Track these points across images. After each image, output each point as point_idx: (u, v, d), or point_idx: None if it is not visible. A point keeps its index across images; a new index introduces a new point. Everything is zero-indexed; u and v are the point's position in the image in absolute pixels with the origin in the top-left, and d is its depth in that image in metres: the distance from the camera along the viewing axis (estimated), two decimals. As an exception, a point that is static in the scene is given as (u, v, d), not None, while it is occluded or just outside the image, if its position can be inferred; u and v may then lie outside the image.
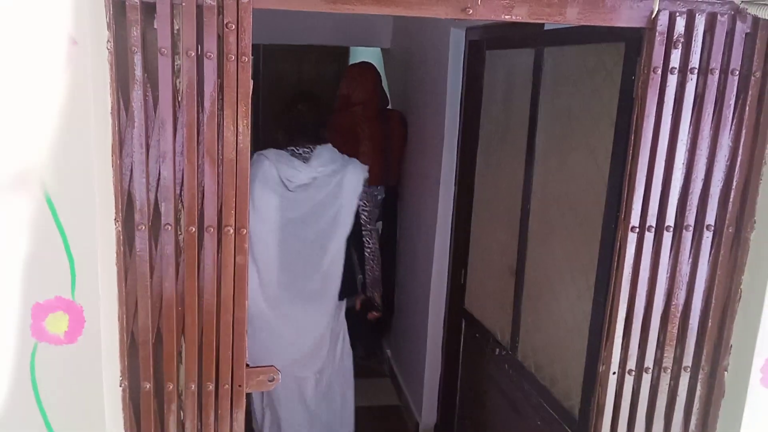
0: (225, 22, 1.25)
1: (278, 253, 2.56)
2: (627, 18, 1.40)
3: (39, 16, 1.09)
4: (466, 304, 2.80)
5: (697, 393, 1.57)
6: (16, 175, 1.13)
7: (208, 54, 1.26)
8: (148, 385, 1.37)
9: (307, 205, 2.58)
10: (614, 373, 1.55)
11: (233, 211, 1.33)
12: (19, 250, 1.18)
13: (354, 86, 3.65)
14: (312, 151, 2.58)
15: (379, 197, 3.77)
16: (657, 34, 1.39)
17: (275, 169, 2.52)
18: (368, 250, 2.77)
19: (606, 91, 1.71)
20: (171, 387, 1.38)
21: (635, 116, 1.47)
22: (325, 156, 2.59)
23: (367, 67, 3.81)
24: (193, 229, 1.32)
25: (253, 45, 1.30)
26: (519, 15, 1.36)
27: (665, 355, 1.54)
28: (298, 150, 2.58)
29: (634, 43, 1.52)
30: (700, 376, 1.56)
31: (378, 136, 3.66)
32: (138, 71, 1.24)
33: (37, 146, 1.14)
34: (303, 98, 2.74)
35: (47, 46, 0.99)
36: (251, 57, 1.30)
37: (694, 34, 1.40)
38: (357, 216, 2.65)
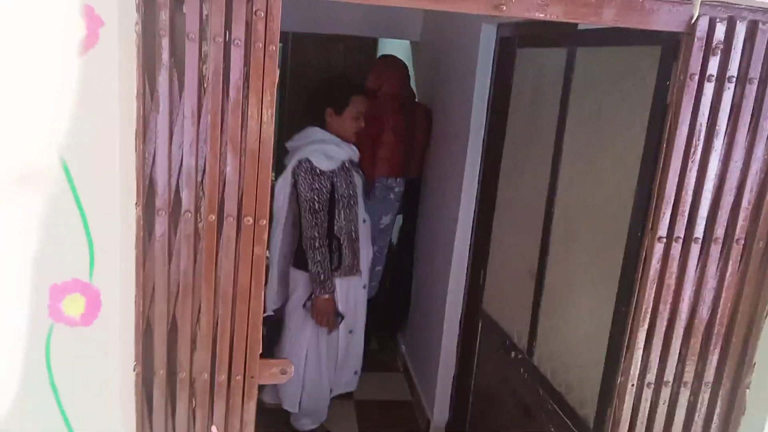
0: (254, 10, 1.24)
1: None
2: (665, 22, 1.36)
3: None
4: (484, 304, 2.77)
5: (717, 410, 1.53)
6: (38, 157, 1.13)
7: (236, 41, 1.24)
8: (161, 372, 1.37)
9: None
10: (632, 384, 1.52)
11: (254, 202, 1.32)
12: (40, 232, 1.18)
13: (382, 79, 3.64)
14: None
15: (398, 189, 3.74)
16: (696, 39, 1.35)
17: None
18: (304, 239, 2.86)
19: (638, 95, 1.67)
20: (184, 375, 1.37)
21: (668, 123, 1.43)
22: (297, 135, 2.92)
23: (394, 60, 3.80)
24: (213, 218, 1.31)
25: (282, 33, 1.28)
26: (554, 14, 1.33)
27: (686, 369, 1.51)
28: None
29: (670, 47, 1.48)
30: (721, 393, 1.52)
31: (401, 127, 3.65)
32: (165, 55, 1.23)
33: (60, 128, 1.13)
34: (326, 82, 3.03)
35: (71, 27, 0.98)
36: (279, 45, 1.29)
37: (734, 42, 1.35)
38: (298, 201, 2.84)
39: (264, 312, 2.54)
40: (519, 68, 2.54)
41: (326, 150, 2.85)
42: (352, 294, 3.03)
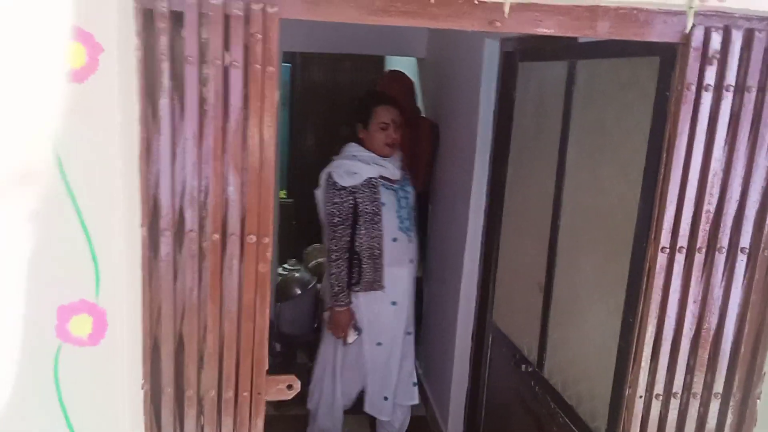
0: (251, 32, 1.26)
1: None
2: (660, 33, 1.37)
3: (66, 25, 1.11)
4: (494, 318, 2.77)
5: (728, 421, 1.51)
6: (43, 180, 1.15)
7: (235, 63, 1.27)
8: (169, 390, 1.38)
9: None
10: (641, 396, 1.51)
11: (256, 220, 1.34)
12: (46, 253, 1.20)
13: (388, 92, 3.67)
14: None
15: None
16: (691, 50, 1.36)
17: None
18: (326, 251, 2.98)
19: (639, 106, 1.67)
20: (191, 392, 1.39)
21: (668, 133, 1.43)
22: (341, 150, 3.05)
23: (399, 75, 3.84)
24: (217, 237, 1.33)
25: (289, 52, 1.31)
26: (548, 28, 1.34)
27: (695, 380, 1.49)
28: None
29: (669, 57, 1.48)
30: (731, 404, 1.51)
31: (406, 142, 3.68)
32: (165, 79, 1.26)
33: (65, 152, 1.16)
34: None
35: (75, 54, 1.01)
36: (287, 66, 1.31)
37: (731, 51, 1.36)
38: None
39: None
40: (521, 82, 2.55)
41: (350, 166, 2.90)
42: (376, 308, 3.02)
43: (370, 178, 2.92)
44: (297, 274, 4.18)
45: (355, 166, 2.90)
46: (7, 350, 1.22)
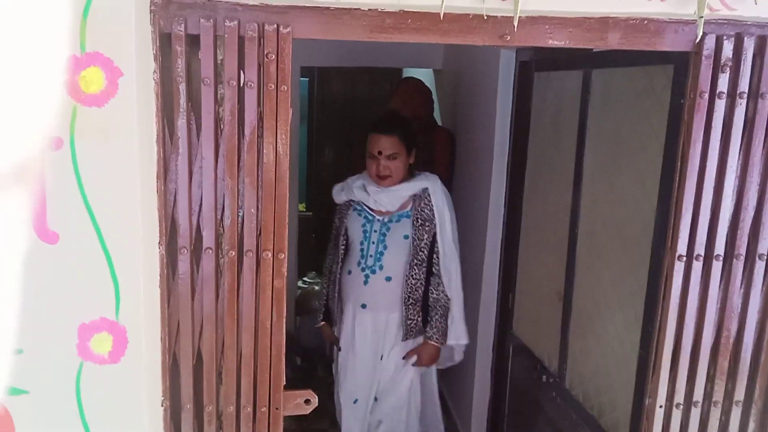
0: (265, 53, 1.29)
1: None
2: (671, 42, 1.37)
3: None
4: (514, 328, 2.75)
5: (750, 429, 1.50)
6: (64, 201, 1.19)
7: (250, 83, 1.29)
8: (188, 406, 1.40)
9: None
10: (661, 406, 1.49)
11: (272, 236, 1.36)
12: (67, 272, 1.23)
13: (404, 100, 3.70)
14: None
15: None
16: (703, 58, 1.36)
17: None
18: None
19: (655, 114, 1.67)
20: (210, 408, 1.41)
21: (682, 141, 1.43)
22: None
23: (417, 83, 3.86)
24: (233, 254, 1.35)
25: (307, 68, 1.33)
26: (559, 41, 1.35)
27: (716, 388, 1.48)
28: None
29: (683, 65, 1.48)
30: (752, 411, 1.49)
31: (423, 151, 3.70)
32: (182, 100, 1.29)
33: (85, 173, 1.19)
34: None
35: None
36: (305, 80, 1.33)
37: (743, 58, 1.35)
38: None
39: None
40: (537, 92, 2.55)
41: (348, 184, 2.75)
42: (362, 323, 2.73)
43: (350, 200, 2.71)
44: (317, 287, 4.20)
45: (350, 185, 2.73)
46: (30, 369, 1.25)
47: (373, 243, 2.63)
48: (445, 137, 3.75)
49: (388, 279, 2.64)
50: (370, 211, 2.65)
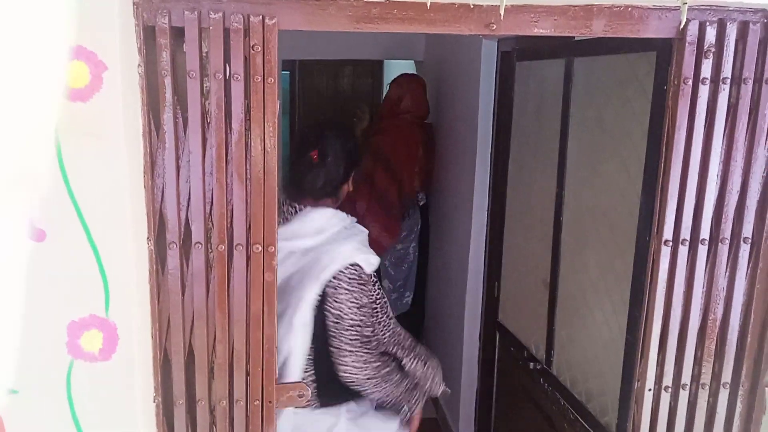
0: (251, 44, 1.28)
1: None
2: (655, 29, 1.38)
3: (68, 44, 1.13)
4: (501, 317, 2.77)
5: (737, 410, 1.52)
6: (50, 198, 1.17)
7: (236, 76, 1.28)
8: (181, 401, 1.39)
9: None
10: (650, 389, 1.51)
11: (261, 229, 1.35)
12: (56, 269, 1.22)
13: (404, 93, 3.71)
14: (297, 213, 1.87)
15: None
16: (687, 44, 1.37)
17: None
18: (345, 379, 1.82)
19: (637, 101, 1.68)
20: (203, 403, 1.40)
21: (666, 128, 1.44)
22: (304, 226, 1.85)
23: (417, 78, 3.88)
24: (223, 248, 1.34)
25: (288, 61, 1.32)
26: (544, 29, 1.35)
27: (703, 371, 1.50)
28: (283, 207, 1.90)
29: (665, 52, 1.49)
30: (739, 393, 1.51)
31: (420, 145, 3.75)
32: (168, 94, 1.28)
33: (72, 169, 1.18)
34: (320, 140, 1.88)
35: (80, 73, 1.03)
36: (286, 73, 1.32)
37: (726, 44, 1.37)
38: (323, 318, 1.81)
39: None
40: (520, 81, 2.56)
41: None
42: None
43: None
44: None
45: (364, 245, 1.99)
46: (19, 368, 1.23)
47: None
48: (430, 131, 3.79)
49: None
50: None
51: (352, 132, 1.87)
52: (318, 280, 1.77)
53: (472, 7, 1.31)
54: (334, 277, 1.78)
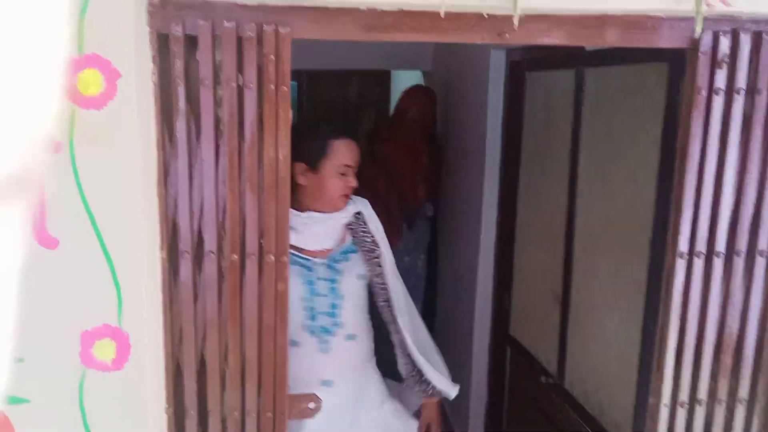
0: (264, 53, 1.27)
1: None
2: (668, 39, 1.37)
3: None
4: (511, 330, 2.76)
5: (754, 427, 1.50)
6: (64, 206, 1.17)
7: (249, 84, 1.28)
8: (192, 412, 1.38)
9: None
10: (665, 405, 1.49)
11: (274, 239, 1.35)
12: (69, 278, 1.21)
13: (411, 103, 3.72)
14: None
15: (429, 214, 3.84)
16: (700, 54, 1.36)
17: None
18: None
19: (649, 112, 1.67)
20: (215, 414, 1.39)
21: (680, 139, 1.43)
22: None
23: (426, 89, 3.89)
24: (235, 257, 1.34)
25: (295, 71, 1.32)
26: (557, 38, 1.35)
27: (719, 386, 1.48)
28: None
29: (677, 63, 1.49)
30: (756, 409, 1.49)
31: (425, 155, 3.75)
32: (181, 102, 1.27)
33: (85, 176, 1.18)
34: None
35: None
36: (292, 84, 1.32)
37: (740, 54, 1.36)
38: None
39: None
40: (530, 91, 2.56)
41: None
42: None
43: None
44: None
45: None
46: (31, 377, 1.23)
47: (322, 296, 1.91)
48: (440, 142, 3.82)
49: (351, 338, 1.96)
50: (302, 254, 1.91)
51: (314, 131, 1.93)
52: None
53: (486, 16, 1.30)
54: None
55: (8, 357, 0.45)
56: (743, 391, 1.48)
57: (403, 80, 4.75)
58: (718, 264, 1.43)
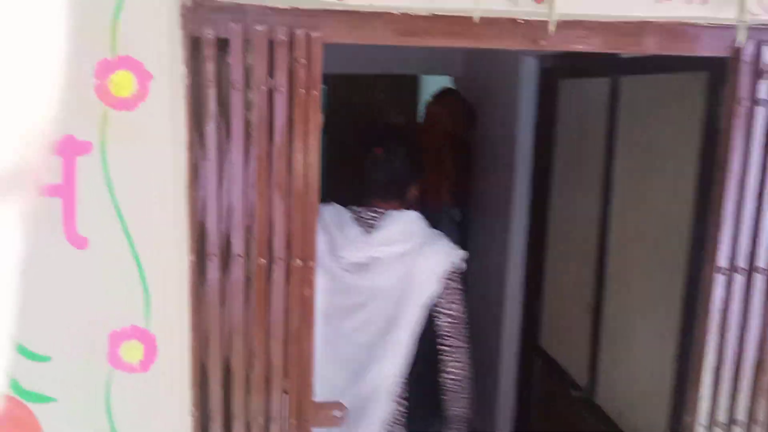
0: (295, 57, 1.27)
1: (320, 354, 1.52)
2: (709, 47, 1.33)
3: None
4: (541, 342, 2.71)
5: (793, 448, 1.44)
6: (94, 206, 1.17)
7: (279, 88, 1.28)
8: (217, 416, 1.37)
9: (363, 293, 1.80)
10: (702, 425, 1.44)
11: (302, 244, 1.33)
12: (98, 279, 1.22)
13: (440, 107, 3.71)
14: (381, 216, 1.82)
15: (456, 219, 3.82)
16: (742, 64, 1.32)
17: (328, 235, 1.79)
18: (451, 377, 1.86)
19: (688, 122, 1.63)
20: (240, 419, 1.38)
21: (721, 150, 1.39)
22: (395, 229, 1.80)
23: (458, 94, 3.88)
24: (263, 261, 1.33)
25: (324, 75, 1.31)
26: (593, 45, 1.32)
27: (757, 407, 1.43)
28: (362, 212, 1.84)
29: (718, 72, 1.45)
30: (795, 430, 1.44)
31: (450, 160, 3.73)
32: (212, 105, 1.27)
33: (116, 177, 1.18)
34: (384, 138, 1.90)
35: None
36: (321, 90, 1.31)
37: (784, 64, 1.32)
38: (431, 321, 1.81)
39: None
40: (563, 99, 2.52)
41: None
42: None
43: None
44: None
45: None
46: (59, 376, 1.23)
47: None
48: (469, 147, 3.80)
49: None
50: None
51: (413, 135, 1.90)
52: (422, 293, 1.76)
53: (521, 22, 1.28)
54: (448, 278, 1.80)
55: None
56: (783, 413, 1.43)
57: (432, 86, 4.71)
58: (759, 280, 1.38)
